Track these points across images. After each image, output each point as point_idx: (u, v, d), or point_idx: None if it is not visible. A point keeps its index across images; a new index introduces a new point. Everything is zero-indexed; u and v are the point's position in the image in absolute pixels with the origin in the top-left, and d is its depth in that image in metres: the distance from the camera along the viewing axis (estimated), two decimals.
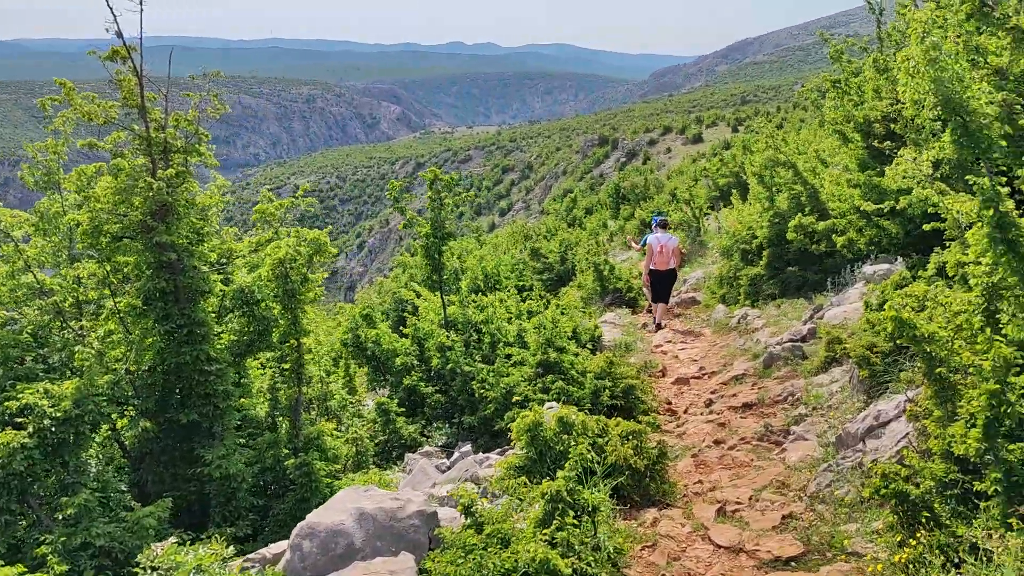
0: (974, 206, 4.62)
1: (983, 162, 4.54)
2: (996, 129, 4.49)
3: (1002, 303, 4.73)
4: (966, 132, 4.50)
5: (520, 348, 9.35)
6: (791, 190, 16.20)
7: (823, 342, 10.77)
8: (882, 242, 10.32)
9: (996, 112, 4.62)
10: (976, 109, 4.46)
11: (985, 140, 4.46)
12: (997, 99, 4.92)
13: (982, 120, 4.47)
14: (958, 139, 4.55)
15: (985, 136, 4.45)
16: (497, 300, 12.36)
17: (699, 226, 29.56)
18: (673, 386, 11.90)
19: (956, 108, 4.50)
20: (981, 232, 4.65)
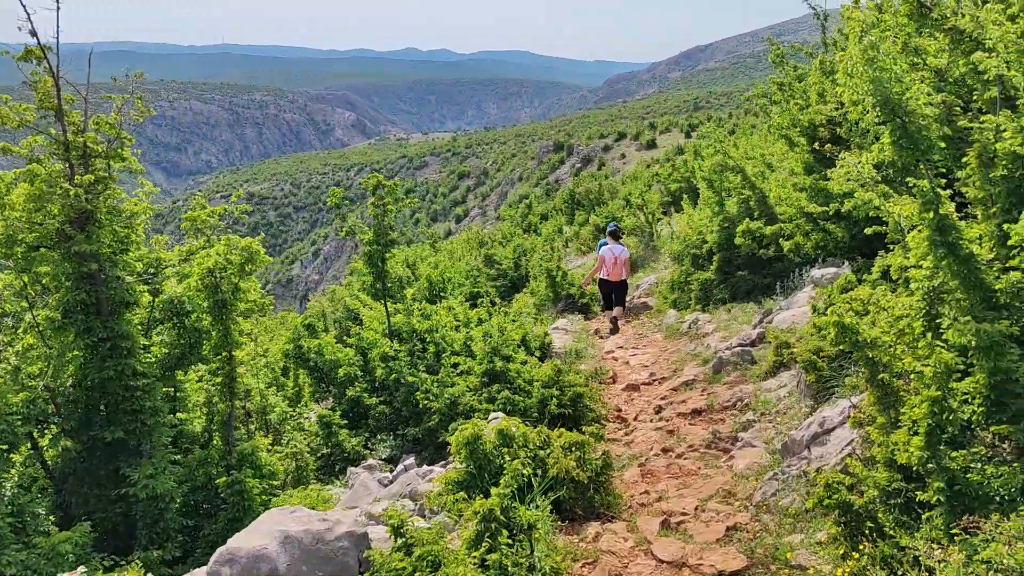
0: (914, 209, 4.53)
1: (923, 164, 4.45)
2: (935, 131, 4.41)
3: (943, 307, 4.64)
4: (905, 134, 4.41)
5: (467, 357, 9.16)
6: (740, 195, 16.22)
7: (771, 347, 10.73)
8: (828, 246, 10.31)
9: (935, 113, 4.54)
10: (915, 110, 4.38)
11: (924, 142, 4.37)
12: (936, 100, 4.85)
13: (921, 121, 4.38)
14: (897, 141, 4.46)
15: (924, 138, 4.37)
16: (444, 308, 12.16)
17: (652, 231, 29.63)
18: (623, 393, 11.78)
19: (895, 109, 4.41)
20: (921, 236, 4.56)
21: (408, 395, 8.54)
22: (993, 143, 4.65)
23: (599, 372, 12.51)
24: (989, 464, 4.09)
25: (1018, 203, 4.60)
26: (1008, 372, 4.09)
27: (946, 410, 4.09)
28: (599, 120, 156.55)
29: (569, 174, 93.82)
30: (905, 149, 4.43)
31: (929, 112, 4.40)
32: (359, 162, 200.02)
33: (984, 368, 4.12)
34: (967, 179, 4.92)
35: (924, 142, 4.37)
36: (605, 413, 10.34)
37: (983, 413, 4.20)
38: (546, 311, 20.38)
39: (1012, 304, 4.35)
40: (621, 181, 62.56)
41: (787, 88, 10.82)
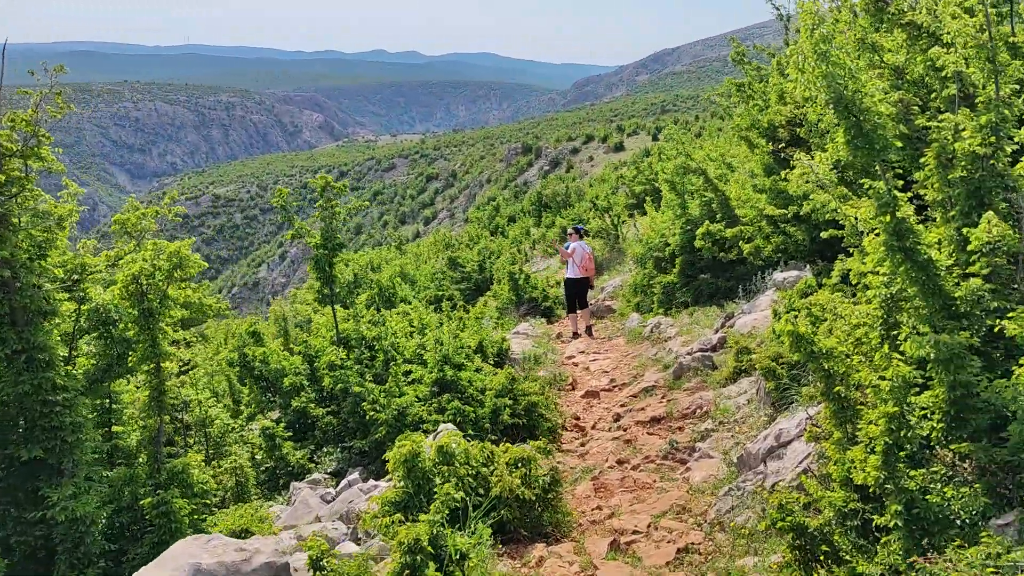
0: (870, 212, 4.29)
1: (879, 165, 4.22)
2: (891, 130, 4.17)
3: (901, 315, 4.40)
4: (860, 133, 4.16)
5: (419, 365, 8.83)
6: (702, 197, 16.05)
7: (732, 352, 10.52)
8: (789, 249, 10.11)
9: (891, 111, 4.31)
10: (870, 108, 4.13)
11: (880, 141, 4.13)
12: (893, 98, 4.61)
13: (876, 120, 4.14)
14: (852, 140, 4.22)
15: (880, 137, 4.13)
16: (399, 313, 11.82)
17: (617, 233, 29.47)
18: (582, 400, 11.51)
19: (849, 107, 4.17)
20: (878, 240, 4.32)
21: (355, 406, 8.19)
22: (951, 143, 4.43)
23: (558, 379, 12.23)
24: (949, 485, 3.85)
25: (978, 206, 4.38)
26: (968, 386, 3.86)
27: (904, 427, 3.85)
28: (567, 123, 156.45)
29: (537, 176, 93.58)
30: (860, 149, 4.18)
31: (884, 110, 4.16)
32: (327, 164, 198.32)
33: (944, 382, 3.88)
34: (925, 180, 4.69)
35: (880, 141, 4.12)
36: (562, 421, 10.06)
37: (943, 429, 3.96)
38: (509, 314, 20.08)
39: (972, 312, 4.12)
40: (589, 183, 62.50)
41: (746, 89, 10.61)
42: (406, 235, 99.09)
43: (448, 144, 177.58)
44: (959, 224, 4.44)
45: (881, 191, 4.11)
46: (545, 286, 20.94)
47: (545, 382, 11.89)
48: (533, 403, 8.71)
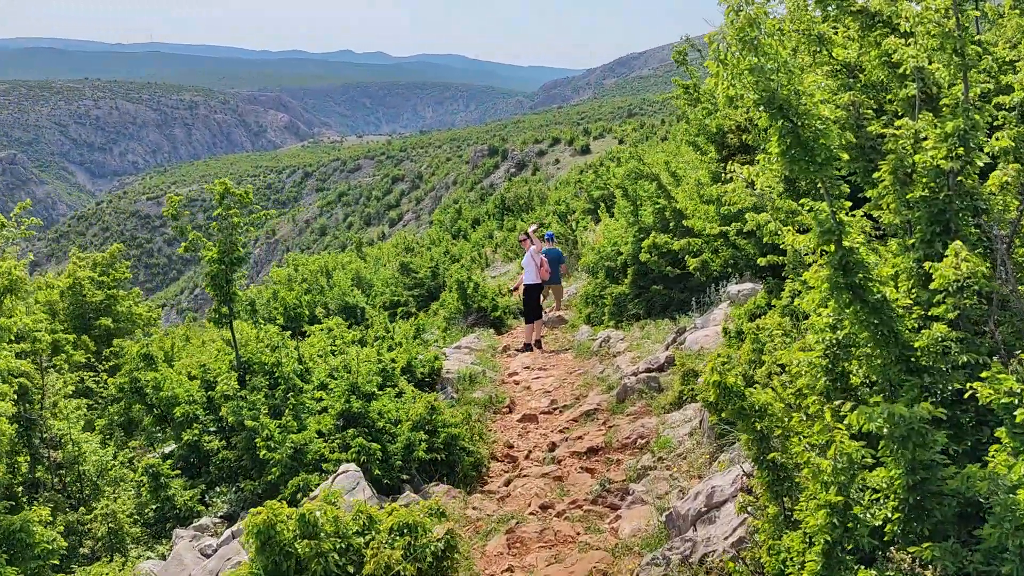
0: (811, 239, 3.49)
1: (821, 181, 3.41)
2: (835, 138, 3.36)
3: (851, 364, 3.60)
4: (797, 141, 3.36)
5: (328, 393, 7.91)
6: (655, 204, 15.29)
7: (678, 375, 9.74)
8: (739, 264, 9.35)
9: (837, 115, 3.51)
10: (809, 111, 3.33)
11: (822, 152, 3.33)
12: (842, 100, 3.80)
13: (818, 125, 3.34)
14: (787, 150, 3.40)
15: (822, 147, 3.33)
16: (321, 329, 10.90)
17: (576, 239, 28.73)
18: (519, 424, 10.64)
19: (783, 108, 3.36)
20: (821, 275, 3.52)
21: (249, 441, 7.28)
22: (911, 155, 3.65)
23: (494, 400, 11.36)
24: None
25: (943, 232, 3.59)
26: (931, 468, 3.06)
27: (851, 519, 3.04)
28: (534, 125, 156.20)
29: (504, 179, 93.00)
30: (798, 162, 3.37)
31: (828, 113, 3.35)
32: (292, 164, 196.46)
33: (900, 462, 3.07)
34: (880, 200, 3.90)
35: (821, 153, 3.31)
36: (492, 451, 9.19)
37: (900, 520, 3.15)
38: (457, 324, 19.20)
39: (936, 367, 3.33)
40: (553, 187, 61.89)
41: (693, 91, 9.84)
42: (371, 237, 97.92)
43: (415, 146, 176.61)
44: (920, 254, 3.64)
45: (823, 215, 3.31)
46: (495, 295, 20.07)
47: (480, 405, 11.02)
48: (454, 436, 7.83)
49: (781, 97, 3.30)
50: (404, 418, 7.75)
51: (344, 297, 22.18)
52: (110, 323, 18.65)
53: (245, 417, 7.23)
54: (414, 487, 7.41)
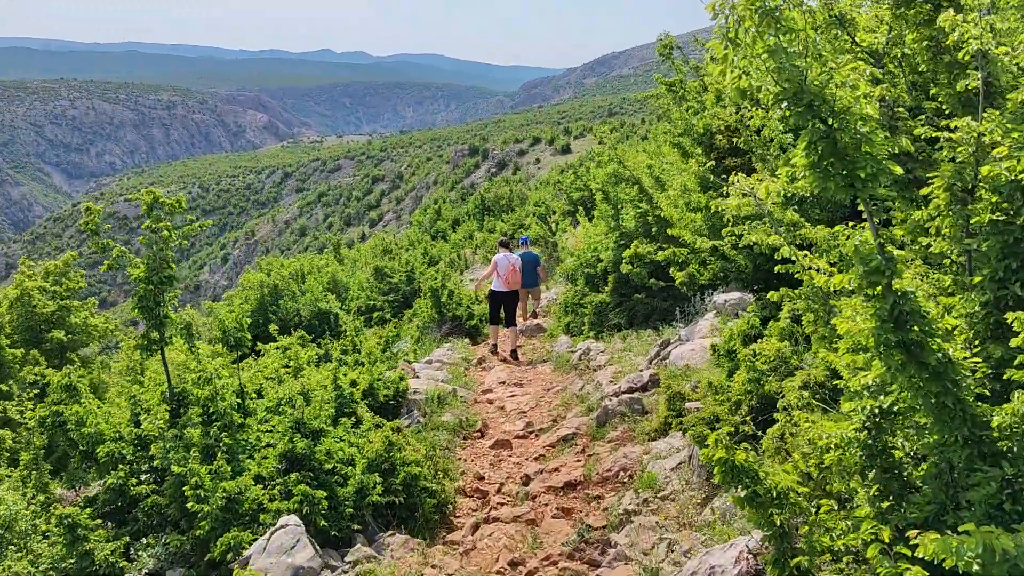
0: (850, 280, 2.65)
1: (865, 203, 2.57)
2: (882, 145, 2.51)
3: (895, 437, 2.77)
4: (833, 149, 2.52)
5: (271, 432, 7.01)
6: (636, 208, 14.48)
7: (663, 397, 8.90)
8: (729, 277, 8.53)
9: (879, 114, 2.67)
10: (849, 108, 2.49)
11: (866, 164, 2.48)
12: (875, 93, 2.96)
13: (860, 127, 2.50)
14: (820, 160, 2.55)
15: (866, 157, 2.48)
16: (277, 348, 9.99)
17: (555, 242, 27.92)
18: (491, 451, 9.76)
19: (815, 105, 2.52)
20: (864, 325, 2.68)
21: (178, 488, 6.38)
22: (973, 166, 2.82)
23: (464, 424, 10.48)
24: None
25: (1020, 268, 2.75)
26: None
27: None
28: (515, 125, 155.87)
29: (484, 178, 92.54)
30: (833, 176, 2.51)
31: (871, 111, 2.51)
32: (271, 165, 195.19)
33: None
34: (928, 224, 3.06)
35: (866, 165, 2.47)
36: (458, 487, 8.31)
37: None
38: (430, 334, 18.31)
39: (1021, 455, 2.49)
40: (534, 187, 61.25)
41: (678, 88, 9.01)
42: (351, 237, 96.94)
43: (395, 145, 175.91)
44: (988, 297, 2.82)
45: (867, 249, 2.48)
46: (471, 302, 19.19)
47: (449, 430, 10.14)
48: (414, 476, 6.94)
49: (811, 90, 2.47)
50: (358, 456, 6.86)
51: (317, 303, 21.30)
52: (63, 336, 17.63)
53: (172, 460, 6.33)
54: (367, 537, 6.53)
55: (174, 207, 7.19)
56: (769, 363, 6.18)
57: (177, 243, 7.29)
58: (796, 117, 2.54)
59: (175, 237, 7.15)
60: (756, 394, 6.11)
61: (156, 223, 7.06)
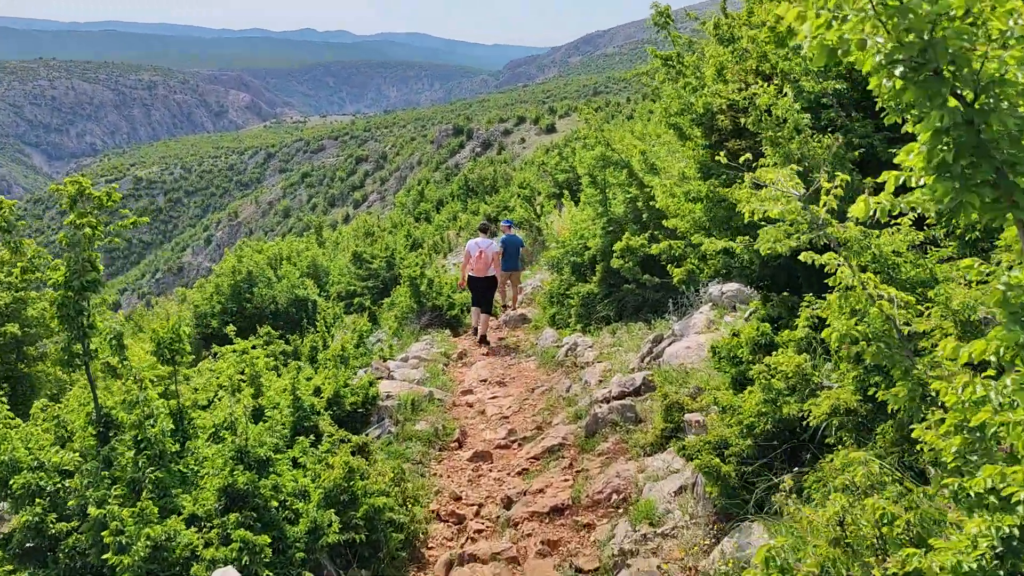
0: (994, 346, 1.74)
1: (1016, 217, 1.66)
2: None
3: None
4: (976, 143, 1.62)
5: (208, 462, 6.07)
6: (626, 193, 13.58)
7: (659, 407, 8.04)
8: (731, 272, 7.66)
9: None
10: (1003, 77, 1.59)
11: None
12: None
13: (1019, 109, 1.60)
14: (954, 160, 1.64)
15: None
16: (234, 351, 9.05)
17: (540, 225, 27.02)
18: (470, 464, 8.88)
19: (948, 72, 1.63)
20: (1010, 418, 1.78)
21: (98, 532, 5.48)
22: None
23: (441, 433, 9.58)
24: None
25: None
26: None
27: None
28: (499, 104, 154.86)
29: (469, 158, 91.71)
30: (976, 187, 1.60)
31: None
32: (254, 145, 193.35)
33: None
34: None
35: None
36: (432, 510, 7.44)
37: None
38: (408, 326, 17.39)
39: None
40: (518, 167, 60.33)
41: (675, 63, 8.08)
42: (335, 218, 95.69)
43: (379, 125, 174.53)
44: None
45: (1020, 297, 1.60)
46: (451, 291, 18.27)
47: (423, 440, 9.24)
48: (377, 508, 6.04)
49: (948, 49, 1.57)
50: (312, 488, 5.96)
51: (294, 290, 20.38)
52: (17, 330, 16.59)
53: (90, 499, 5.42)
54: None
55: (102, 200, 6.22)
56: (787, 380, 5.31)
57: (106, 242, 6.33)
58: (916, 90, 1.65)
59: (102, 235, 6.19)
60: (772, 417, 5.24)
61: (80, 219, 6.09)
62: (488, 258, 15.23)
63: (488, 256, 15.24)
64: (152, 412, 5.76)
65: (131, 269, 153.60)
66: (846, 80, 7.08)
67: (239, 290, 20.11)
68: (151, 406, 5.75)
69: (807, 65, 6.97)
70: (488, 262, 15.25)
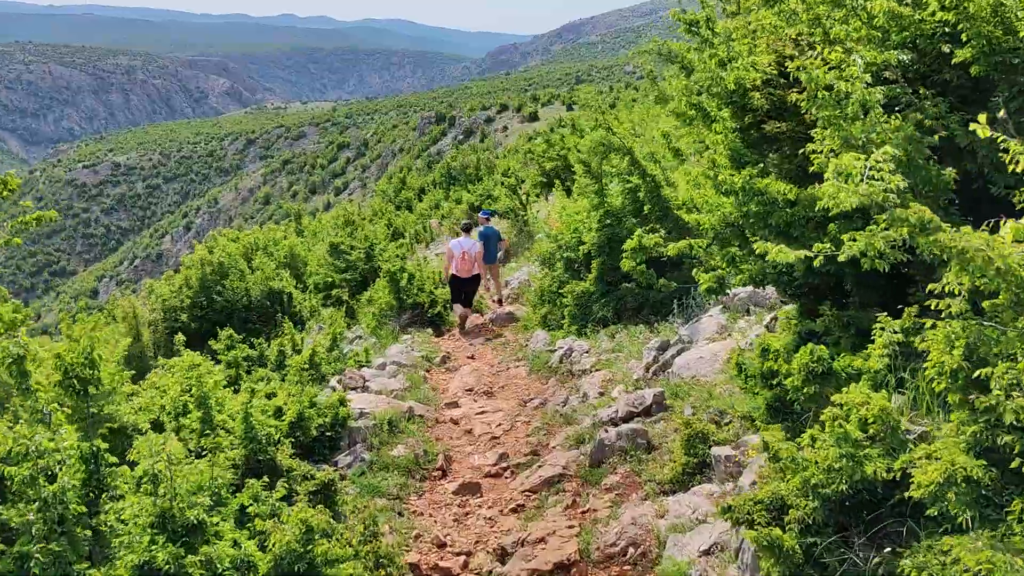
0: None
1: None
2: None
3: None
4: None
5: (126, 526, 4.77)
6: (625, 182, 12.37)
7: (680, 438, 6.84)
8: (765, 279, 6.45)
9: None
10: None
11: None
12: None
13: None
14: None
15: None
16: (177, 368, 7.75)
17: (525, 215, 25.76)
18: (456, 498, 7.62)
19: None
20: None
21: None
22: None
23: (422, 461, 8.29)
24: None
25: None
26: None
27: None
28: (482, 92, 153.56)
29: (451, 146, 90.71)
30: None
31: None
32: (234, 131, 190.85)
33: None
34: None
35: None
36: (410, 562, 6.19)
37: None
38: (388, 324, 16.09)
39: None
40: (501, 155, 59.18)
41: (703, 29, 6.84)
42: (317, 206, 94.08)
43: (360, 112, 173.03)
44: None
45: None
46: (435, 286, 16.99)
47: (402, 470, 7.96)
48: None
49: None
50: (259, 559, 4.71)
51: (268, 282, 19.08)
52: None
53: None
54: None
55: None
56: (864, 426, 4.11)
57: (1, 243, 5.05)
58: None
59: None
60: (849, 475, 4.04)
61: None
62: (472, 258, 15.32)
63: (472, 256, 15.32)
64: (55, 461, 4.48)
65: (109, 256, 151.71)
66: (912, 50, 5.83)
67: (209, 283, 18.81)
68: (57, 454, 4.48)
69: (869, 30, 5.75)
70: (472, 263, 15.34)
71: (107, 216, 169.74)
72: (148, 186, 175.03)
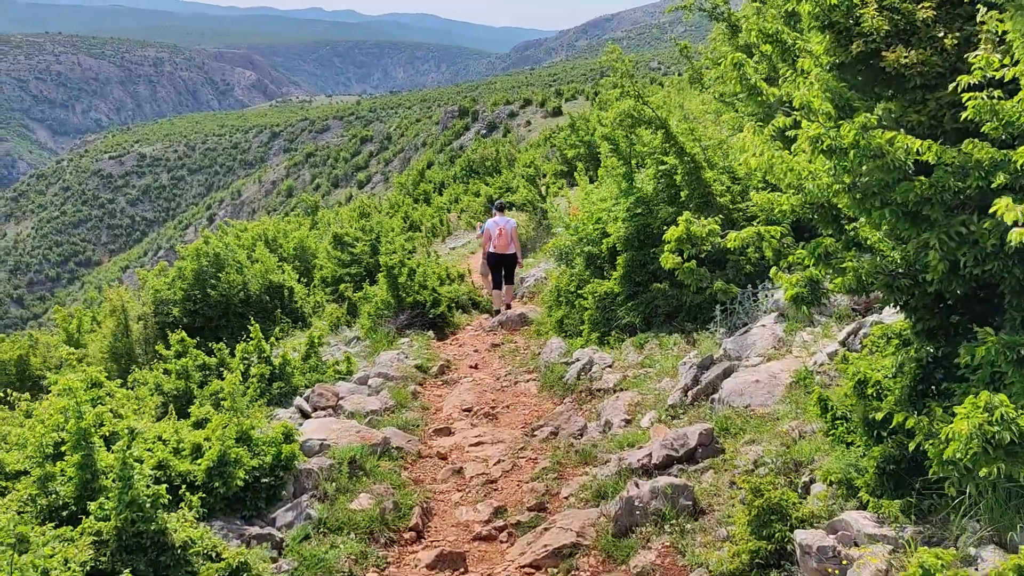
0: None
1: None
2: None
3: None
4: None
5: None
6: (659, 164, 10.30)
7: (745, 512, 4.77)
8: (874, 284, 4.37)
9: None
10: None
11: None
12: None
13: None
14: None
15: None
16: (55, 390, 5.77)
17: (545, 208, 23.74)
18: (430, 575, 5.62)
19: None
20: None
21: None
22: None
23: (390, 516, 6.22)
24: None
25: None
26: None
27: None
28: (506, 86, 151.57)
29: (474, 140, 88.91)
30: None
31: None
32: (259, 124, 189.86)
33: None
34: None
35: None
36: None
37: None
38: (384, 325, 14.07)
39: None
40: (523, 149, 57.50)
41: None
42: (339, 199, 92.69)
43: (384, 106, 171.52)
44: None
45: None
46: (436, 284, 14.98)
47: (363, 532, 5.90)
48: None
49: None
50: None
51: (268, 275, 17.28)
52: None
53: None
54: None
55: None
56: None
57: None
58: None
59: None
60: None
61: None
62: (508, 234, 14.95)
63: (508, 232, 14.95)
64: None
65: (133, 247, 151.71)
66: None
67: (204, 275, 17.00)
68: None
69: None
70: (508, 238, 14.96)
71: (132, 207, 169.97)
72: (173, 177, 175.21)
